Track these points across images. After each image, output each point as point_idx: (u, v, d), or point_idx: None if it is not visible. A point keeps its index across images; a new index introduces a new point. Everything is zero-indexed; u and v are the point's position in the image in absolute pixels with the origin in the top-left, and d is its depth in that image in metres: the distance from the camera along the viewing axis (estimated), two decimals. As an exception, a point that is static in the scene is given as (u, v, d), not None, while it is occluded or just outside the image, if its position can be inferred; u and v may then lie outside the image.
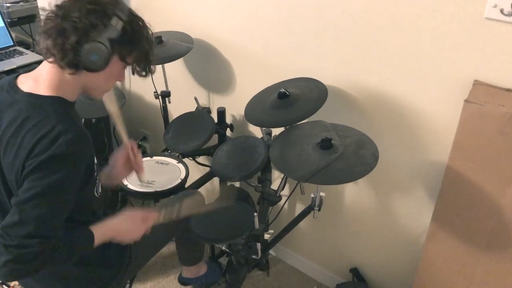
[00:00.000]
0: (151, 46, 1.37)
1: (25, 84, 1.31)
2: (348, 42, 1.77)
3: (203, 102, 2.44)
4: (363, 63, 1.76)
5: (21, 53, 2.59)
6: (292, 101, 1.78)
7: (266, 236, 1.75)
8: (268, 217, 1.86)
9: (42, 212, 1.19)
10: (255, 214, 1.64)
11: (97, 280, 1.57)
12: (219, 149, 1.99)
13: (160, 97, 2.35)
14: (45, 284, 1.53)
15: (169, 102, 2.37)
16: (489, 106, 1.39)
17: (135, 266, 1.68)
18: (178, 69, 2.46)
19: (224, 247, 2.02)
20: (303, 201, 2.28)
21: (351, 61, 1.79)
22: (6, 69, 2.41)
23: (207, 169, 2.34)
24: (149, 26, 1.36)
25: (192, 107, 2.29)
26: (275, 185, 1.98)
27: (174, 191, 1.98)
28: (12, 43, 2.66)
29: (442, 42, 1.54)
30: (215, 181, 2.49)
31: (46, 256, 1.19)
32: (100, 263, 1.54)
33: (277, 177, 2.22)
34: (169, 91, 2.34)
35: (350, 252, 2.25)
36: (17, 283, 2.19)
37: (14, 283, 2.21)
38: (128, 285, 2.02)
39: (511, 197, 1.46)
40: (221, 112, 2.20)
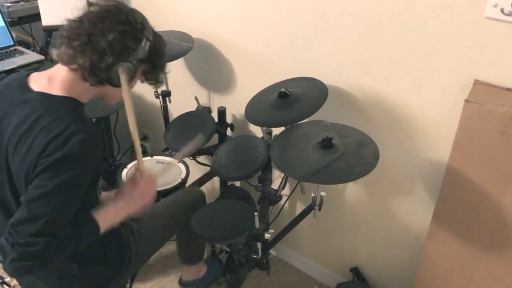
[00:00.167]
0: (166, 60, 1.45)
1: (38, 83, 1.32)
2: (349, 42, 1.77)
3: (204, 101, 2.44)
4: (364, 62, 1.76)
5: (21, 53, 2.58)
6: (293, 100, 1.78)
7: (267, 236, 1.74)
8: (268, 216, 1.86)
9: (51, 211, 1.20)
10: (256, 213, 1.64)
11: (98, 279, 1.57)
12: (220, 148, 1.99)
13: (160, 96, 2.35)
14: (46, 282, 1.53)
15: (170, 102, 2.37)
16: (489, 105, 1.39)
17: (135, 264, 1.68)
18: (179, 68, 2.46)
19: (224, 247, 2.01)
20: (304, 201, 2.28)
21: (351, 61, 1.80)
22: (6, 68, 2.40)
23: (208, 168, 2.34)
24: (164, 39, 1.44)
25: (193, 107, 2.29)
26: (275, 185, 1.98)
27: (174, 190, 1.98)
28: (12, 43, 2.65)
29: (443, 41, 1.54)
30: (216, 180, 2.49)
31: (51, 253, 1.20)
32: (100, 262, 1.54)
33: (277, 176, 2.22)
34: (170, 91, 2.34)
35: (350, 252, 2.25)
36: (17, 282, 2.19)
37: (15, 282, 2.21)
38: (128, 285, 2.02)
39: (512, 197, 1.47)
40: (222, 112, 2.20)
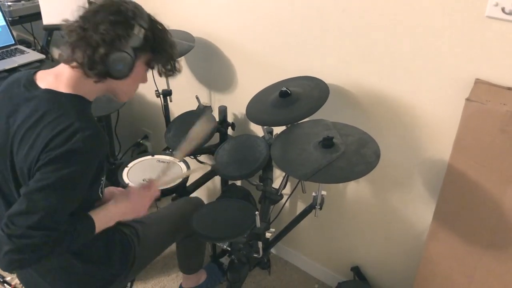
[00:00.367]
0: (173, 48, 1.42)
1: (44, 80, 1.33)
2: (350, 41, 1.77)
3: (205, 100, 2.44)
4: (365, 61, 1.76)
5: (22, 52, 2.58)
6: (294, 99, 1.78)
7: (268, 235, 1.75)
8: (269, 215, 1.86)
9: (50, 204, 1.20)
10: (257, 212, 1.64)
11: (100, 278, 1.57)
12: (221, 147, 1.99)
13: (161, 95, 2.35)
14: (48, 280, 1.53)
15: (171, 101, 2.37)
16: (490, 104, 1.39)
17: (138, 266, 1.69)
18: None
19: (225, 246, 2.01)
20: (305, 200, 2.28)
21: (352, 60, 1.79)
22: (7, 67, 2.40)
23: (209, 167, 2.34)
24: (167, 28, 1.41)
25: (194, 106, 2.29)
26: (276, 184, 1.98)
27: (175, 189, 1.98)
28: (13, 42, 2.66)
29: (444, 40, 1.54)
30: (217, 179, 2.50)
31: (47, 248, 1.20)
32: (104, 262, 1.55)
33: (278, 175, 2.22)
34: (171, 90, 2.34)
35: (351, 251, 2.26)
36: (18, 281, 2.19)
37: (15, 281, 2.21)
38: (129, 284, 2.02)
39: (513, 196, 1.47)
40: (223, 111, 2.20)
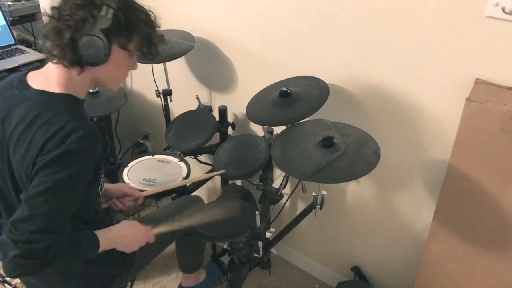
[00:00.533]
0: (152, 28, 1.34)
1: (35, 81, 1.32)
2: (350, 40, 1.77)
3: (205, 100, 2.44)
4: (365, 61, 1.76)
5: (22, 52, 2.59)
6: (294, 99, 1.78)
7: (268, 235, 1.75)
8: (269, 215, 1.86)
9: (52, 208, 1.19)
10: (257, 212, 1.64)
11: (100, 279, 1.57)
12: (221, 147, 1.99)
13: (161, 95, 2.35)
14: (48, 281, 1.53)
15: (171, 101, 2.37)
16: (490, 104, 1.39)
17: (138, 266, 1.68)
18: (180, 67, 2.46)
19: (225, 246, 2.01)
20: (305, 200, 2.28)
21: (352, 60, 1.79)
22: (7, 67, 2.41)
23: (209, 167, 2.34)
24: (147, 8, 1.33)
25: (194, 106, 2.29)
26: (276, 184, 1.98)
27: (175, 189, 1.97)
28: (13, 42, 2.66)
29: (444, 40, 1.54)
30: (217, 179, 2.49)
31: (53, 253, 1.19)
32: (104, 262, 1.54)
33: (278, 175, 2.22)
34: (171, 90, 2.34)
35: (351, 251, 2.25)
36: (19, 281, 2.19)
37: (16, 281, 2.21)
38: (129, 284, 2.02)
39: (513, 196, 1.47)
40: (223, 111, 2.20)
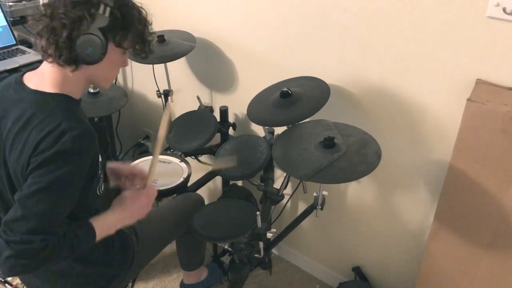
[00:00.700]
0: (144, 25, 1.34)
1: (32, 81, 1.32)
2: (350, 41, 1.77)
3: (206, 101, 2.44)
4: (365, 62, 1.76)
5: (23, 52, 2.59)
6: (295, 100, 1.78)
7: (269, 235, 1.75)
8: (270, 216, 1.86)
9: (45, 208, 1.18)
10: (258, 213, 1.65)
11: (100, 279, 1.57)
12: (222, 148, 1.99)
13: (162, 96, 2.35)
14: (47, 282, 1.53)
15: (172, 101, 2.37)
16: (491, 105, 1.39)
17: (137, 265, 1.68)
18: (181, 68, 2.46)
19: (226, 246, 2.01)
20: (306, 200, 2.28)
21: (353, 60, 1.79)
22: (8, 68, 2.41)
23: (210, 167, 2.34)
24: (140, 5, 1.33)
25: (195, 106, 2.29)
26: (277, 184, 1.98)
27: (176, 189, 1.98)
28: (14, 42, 2.66)
29: (445, 41, 1.54)
30: (218, 180, 2.50)
31: (48, 252, 1.19)
32: (103, 262, 1.54)
33: (279, 176, 2.22)
34: (172, 90, 2.33)
35: (352, 251, 2.25)
36: (19, 281, 2.19)
37: (17, 281, 2.21)
38: (130, 284, 2.03)
39: (514, 196, 1.47)
40: (224, 111, 2.20)
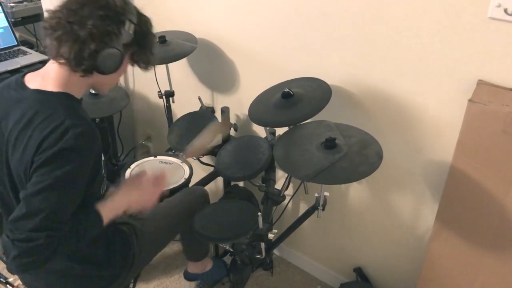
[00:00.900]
0: (154, 41, 1.42)
1: (33, 81, 1.33)
2: (352, 41, 1.77)
3: (207, 101, 2.44)
4: (367, 62, 1.76)
5: (25, 53, 2.59)
6: (296, 100, 1.78)
7: (270, 236, 1.75)
8: (272, 216, 1.87)
9: (50, 205, 1.19)
10: (259, 213, 1.65)
11: (101, 279, 1.57)
12: (223, 148, 1.99)
13: (164, 96, 2.35)
14: (48, 282, 1.53)
15: (173, 102, 2.38)
16: (493, 105, 1.39)
17: (139, 264, 1.68)
18: (182, 69, 2.46)
19: (228, 247, 2.01)
20: (307, 201, 2.28)
21: (354, 61, 1.79)
22: (10, 68, 2.41)
23: (211, 168, 2.34)
24: (150, 19, 1.39)
25: (196, 107, 2.29)
26: (279, 185, 1.98)
27: (178, 189, 1.98)
28: (16, 43, 2.67)
29: (446, 41, 1.54)
30: (219, 180, 2.50)
31: (53, 248, 1.20)
32: (104, 262, 1.54)
33: (281, 176, 2.22)
34: (173, 91, 2.34)
35: (354, 252, 2.25)
36: (20, 282, 2.19)
37: (18, 282, 2.22)
38: (132, 285, 2.03)
39: (516, 197, 1.47)
40: (225, 112, 2.19)
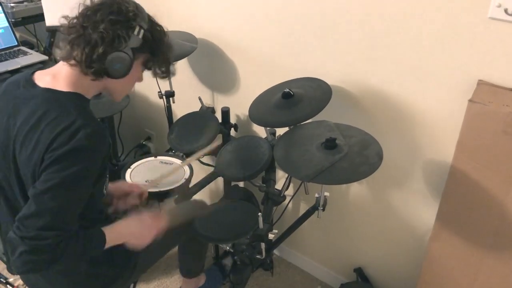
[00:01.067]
0: (169, 50, 1.43)
1: (43, 80, 1.33)
2: (352, 42, 1.77)
3: (207, 102, 2.44)
4: (367, 63, 1.76)
5: (25, 53, 2.59)
6: (296, 101, 1.78)
7: (270, 236, 1.75)
8: (272, 217, 1.87)
9: (59, 204, 1.20)
10: (259, 214, 1.65)
11: (102, 278, 1.57)
12: (223, 149, 1.99)
13: (164, 97, 2.35)
14: (50, 280, 1.53)
15: (173, 102, 2.37)
16: (493, 106, 1.39)
17: (141, 268, 1.69)
18: (182, 69, 2.46)
19: (228, 247, 2.01)
20: (307, 201, 2.28)
21: (355, 61, 1.80)
22: (10, 69, 2.40)
23: (211, 169, 2.34)
24: (166, 30, 1.42)
25: (196, 107, 2.29)
26: (279, 185, 1.98)
27: (178, 190, 1.97)
28: (16, 43, 2.66)
29: (446, 42, 1.54)
30: (219, 181, 2.50)
31: (61, 249, 1.20)
32: (107, 261, 1.54)
33: (281, 177, 2.22)
34: (173, 91, 2.34)
35: (354, 252, 2.25)
36: (21, 282, 2.19)
37: (19, 282, 2.21)
38: (132, 286, 2.03)
39: (516, 197, 1.47)
40: (225, 112, 2.20)
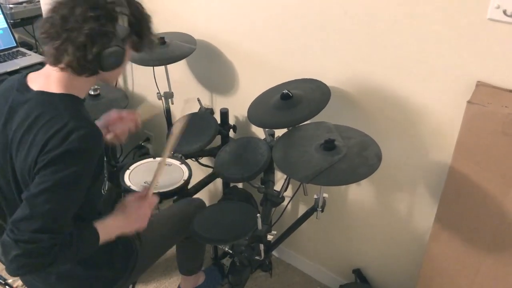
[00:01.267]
0: (150, 21, 1.39)
1: (36, 82, 1.32)
2: (351, 43, 1.77)
3: (206, 103, 2.44)
4: (366, 64, 1.76)
5: (24, 54, 2.59)
6: (295, 102, 1.78)
7: (269, 237, 1.75)
8: (271, 218, 1.86)
9: (53, 207, 1.19)
10: (258, 215, 1.65)
11: (101, 280, 1.57)
12: (222, 150, 1.99)
13: (163, 98, 2.35)
14: (49, 283, 1.53)
15: (172, 103, 2.38)
16: (492, 107, 1.39)
17: (140, 269, 1.68)
18: (181, 70, 2.46)
19: (227, 248, 2.01)
20: (306, 202, 2.28)
21: (353, 62, 1.79)
22: (9, 70, 2.42)
23: (210, 170, 2.34)
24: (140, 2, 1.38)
25: (195, 108, 2.29)
26: (278, 186, 1.98)
27: (176, 192, 1.98)
28: (15, 44, 2.67)
29: (445, 43, 1.54)
30: (218, 182, 2.50)
31: (55, 252, 1.20)
32: (106, 263, 1.54)
33: (280, 178, 2.22)
34: (172, 92, 2.34)
35: (353, 253, 2.25)
36: (20, 283, 2.19)
37: (18, 283, 2.21)
38: (130, 287, 2.03)
39: (515, 198, 1.46)
40: (224, 113, 2.20)
